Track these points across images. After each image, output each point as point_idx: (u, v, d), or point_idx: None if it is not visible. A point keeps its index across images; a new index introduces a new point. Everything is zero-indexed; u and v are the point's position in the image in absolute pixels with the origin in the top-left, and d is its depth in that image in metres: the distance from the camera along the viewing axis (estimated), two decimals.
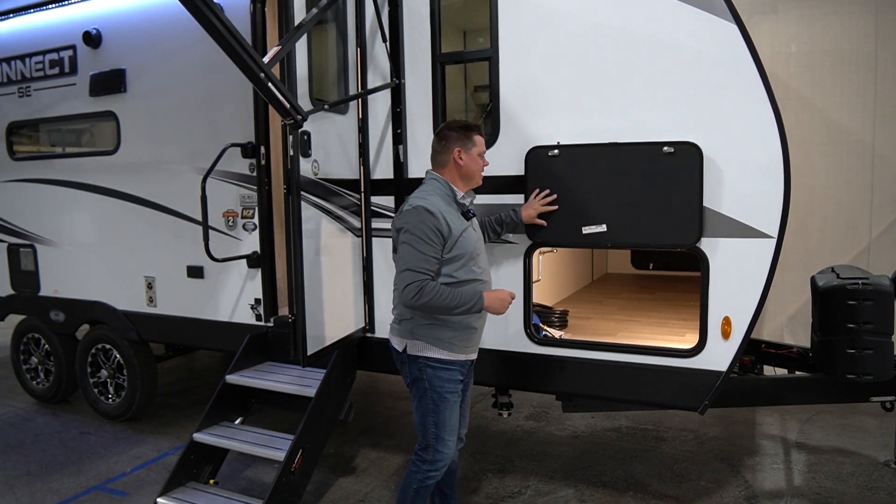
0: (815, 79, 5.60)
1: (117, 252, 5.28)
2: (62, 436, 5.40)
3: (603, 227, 3.66)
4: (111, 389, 5.62)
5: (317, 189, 3.75)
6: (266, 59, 3.11)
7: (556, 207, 3.67)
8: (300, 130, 3.53)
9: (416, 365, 3.19)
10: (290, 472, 3.81)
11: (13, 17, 5.67)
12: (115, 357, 5.51)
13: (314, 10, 3.50)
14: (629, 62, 3.56)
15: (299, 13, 3.52)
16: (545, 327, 4.16)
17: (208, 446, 4.18)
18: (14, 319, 6.28)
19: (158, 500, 3.91)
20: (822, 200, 5.72)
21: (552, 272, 5.49)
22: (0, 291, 6.09)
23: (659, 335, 4.13)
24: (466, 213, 3.22)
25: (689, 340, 3.94)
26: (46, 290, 5.78)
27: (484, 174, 3.51)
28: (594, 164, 3.66)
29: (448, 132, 3.23)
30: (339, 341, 4.00)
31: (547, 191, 3.67)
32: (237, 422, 4.39)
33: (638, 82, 3.55)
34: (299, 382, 4.20)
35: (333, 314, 3.95)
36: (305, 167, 3.64)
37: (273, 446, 3.96)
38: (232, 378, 4.34)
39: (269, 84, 3.10)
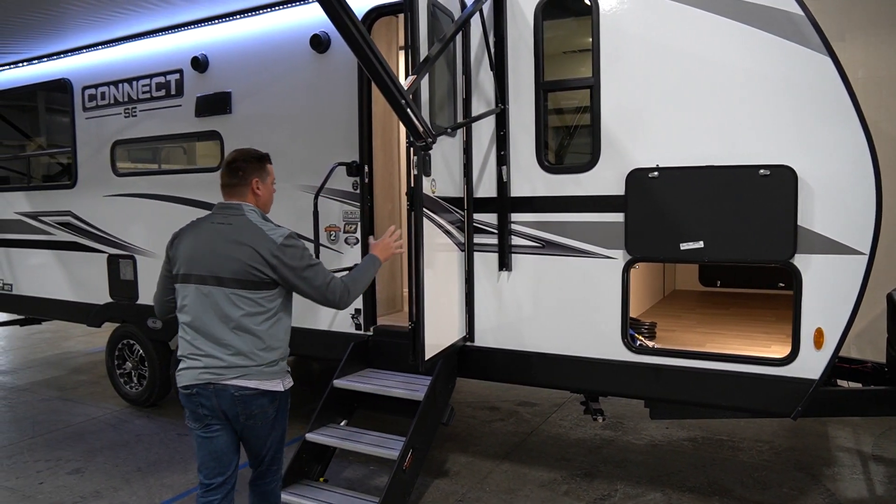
0: (881, 102, 5.83)
1: None
2: (161, 437, 5.71)
3: (700, 244, 3.91)
4: None
5: (433, 206, 4.05)
6: (406, 87, 3.41)
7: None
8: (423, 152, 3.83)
9: (285, 397, 3.22)
10: (402, 470, 4.06)
11: (121, 43, 6.07)
12: None
13: (438, 44, 3.82)
14: (727, 91, 3.82)
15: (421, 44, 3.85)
16: (640, 337, 4.40)
17: (318, 446, 4.46)
18: (91, 327, 6.66)
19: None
20: (886, 217, 5.90)
21: (632, 288, 5.72)
22: (98, 300, 6.45)
23: (746, 346, 4.34)
24: None
25: (775, 351, 4.16)
26: (145, 298, 6.13)
27: (584, 194, 3.76)
28: (692, 185, 3.92)
29: (243, 163, 3.26)
30: (447, 349, 4.27)
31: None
32: (342, 424, 4.66)
33: (736, 110, 3.82)
34: (406, 387, 4.48)
35: (443, 324, 4.23)
36: (425, 185, 3.94)
37: (385, 446, 4.23)
38: (339, 382, 4.62)
39: (408, 110, 3.41)
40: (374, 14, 4.79)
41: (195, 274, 3.10)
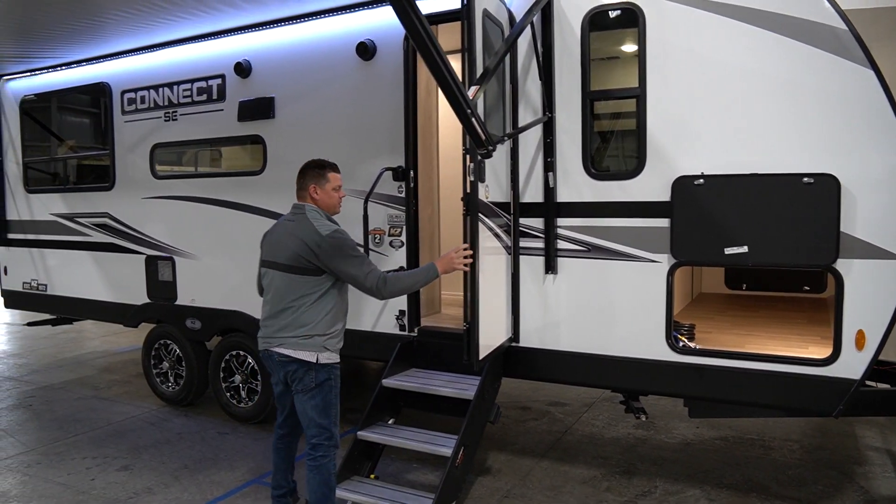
0: None
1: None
2: (202, 435, 5.83)
3: (744, 249, 4.06)
4: (244, 394, 6.04)
5: (486, 210, 4.18)
6: (470, 96, 3.55)
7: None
8: (478, 159, 3.97)
9: (324, 371, 3.76)
10: (455, 467, 4.19)
11: (161, 49, 6.18)
12: (250, 363, 5.94)
13: (495, 56, 3.96)
14: (772, 102, 3.97)
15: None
16: (682, 338, 4.54)
17: (368, 443, 4.59)
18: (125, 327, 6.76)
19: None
20: None
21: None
22: (136, 300, 6.56)
23: (783, 348, 4.48)
24: None
25: (813, 352, 4.31)
26: (183, 299, 6.24)
27: (629, 200, 3.91)
28: (737, 192, 4.06)
29: (306, 171, 3.90)
30: (496, 349, 4.41)
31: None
32: (390, 422, 4.79)
33: (780, 121, 3.96)
34: (454, 386, 4.60)
35: (492, 325, 4.36)
36: (480, 191, 4.07)
37: (436, 444, 4.35)
38: (388, 382, 4.74)
39: (472, 119, 3.54)
40: None
41: (267, 260, 3.91)
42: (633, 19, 4.28)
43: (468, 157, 3.99)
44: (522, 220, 4.67)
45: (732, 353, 4.26)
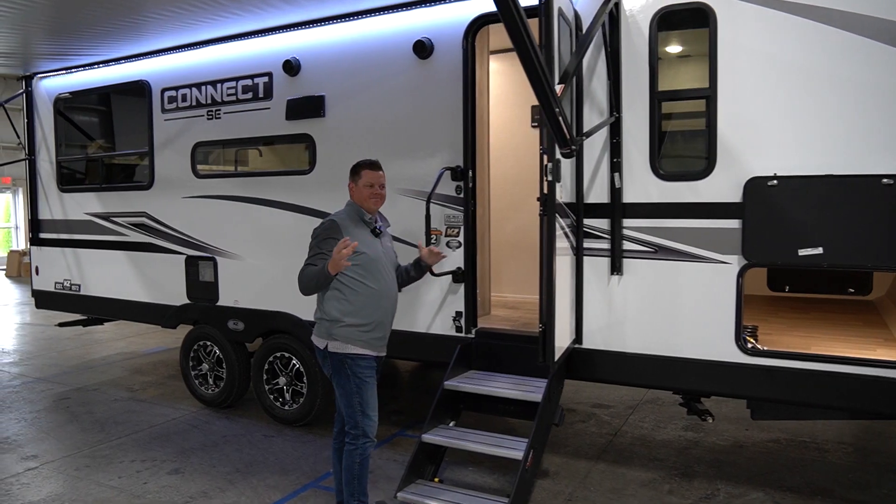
0: None
1: None
2: (248, 438, 5.75)
3: (819, 250, 4.03)
4: (288, 396, 5.96)
5: (560, 211, 4.14)
6: (559, 95, 3.51)
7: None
8: (556, 159, 3.93)
9: (336, 360, 3.86)
10: (526, 470, 4.15)
11: (204, 46, 6.11)
12: (295, 365, 5.87)
13: (574, 56, 3.92)
14: (848, 103, 3.94)
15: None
16: (751, 340, 4.51)
17: (432, 446, 4.53)
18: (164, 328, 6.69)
19: (399, 494, 4.26)
20: None
21: None
22: (175, 301, 6.48)
23: (850, 349, 4.45)
24: (374, 230, 4.00)
25: (881, 354, 4.30)
26: (225, 300, 6.17)
27: (699, 201, 3.89)
28: (813, 194, 4.03)
29: (351, 168, 4.08)
30: (566, 350, 4.37)
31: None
32: (451, 424, 4.74)
33: (856, 122, 3.93)
34: (518, 388, 4.56)
35: (562, 326, 4.32)
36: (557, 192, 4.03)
37: (505, 446, 4.31)
38: (450, 384, 4.69)
39: (560, 117, 3.50)
40: (481, 22, 4.87)
41: None
42: (703, 19, 4.25)
43: (545, 156, 3.96)
44: (586, 221, 4.63)
45: (805, 354, 4.22)
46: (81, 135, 7.46)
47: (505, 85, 6.76)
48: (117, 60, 6.68)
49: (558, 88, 3.62)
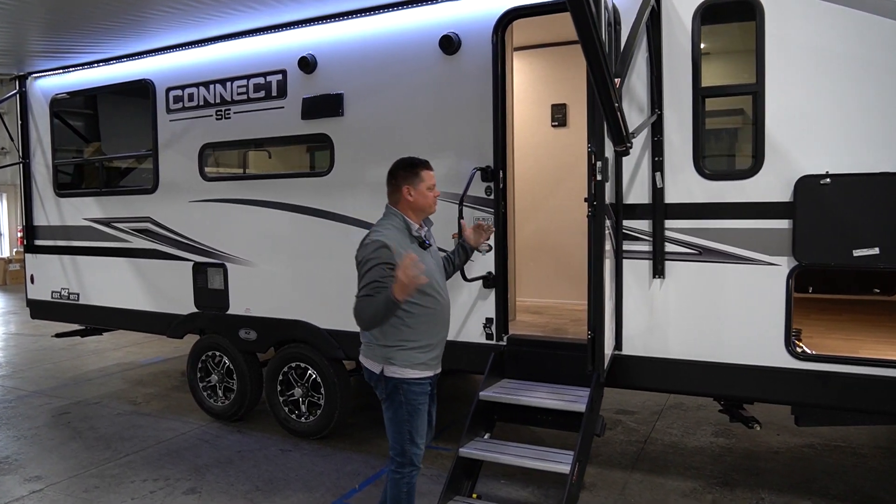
0: None
1: (325, 272, 5.41)
2: (264, 453, 5.49)
3: (875, 250, 3.89)
4: (303, 408, 5.71)
5: (606, 212, 3.96)
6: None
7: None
8: (605, 157, 3.74)
9: (392, 386, 3.45)
10: (572, 484, 3.95)
11: (212, 44, 5.85)
12: (311, 376, 5.62)
13: (624, 52, 3.73)
14: None
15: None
16: (801, 344, 4.36)
17: (468, 460, 4.32)
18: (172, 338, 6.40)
19: None
20: None
21: None
22: (181, 309, 6.19)
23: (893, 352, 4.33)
24: (423, 244, 3.50)
25: None
26: (236, 308, 5.90)
27: (746, 200, 3.72)
28: (868, 192, 3.89)
29: (396, 171, 3.53)
30: (610, 357, 4.18)
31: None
32: (486, 437, 4.53)
33: None
34: (558, 398, 4.36)
35: (607, 332, 4.13)
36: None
37: (551, 460, 4.11)
38: (486, 395, 4.48)
39: (619, 112, 3.31)
40: (512, 16, 4.68)
41: None
42: (749, 12, 4.09)
43: (593, 155, 3.78)
44: (626, 223, 4.45)
45: (858, 359, 4.08)
46: (79, 137, 7.13)
47: (524, 83, 6.58)
48: (118, 59, 6.38)
49: (616, 82, 3.44)
